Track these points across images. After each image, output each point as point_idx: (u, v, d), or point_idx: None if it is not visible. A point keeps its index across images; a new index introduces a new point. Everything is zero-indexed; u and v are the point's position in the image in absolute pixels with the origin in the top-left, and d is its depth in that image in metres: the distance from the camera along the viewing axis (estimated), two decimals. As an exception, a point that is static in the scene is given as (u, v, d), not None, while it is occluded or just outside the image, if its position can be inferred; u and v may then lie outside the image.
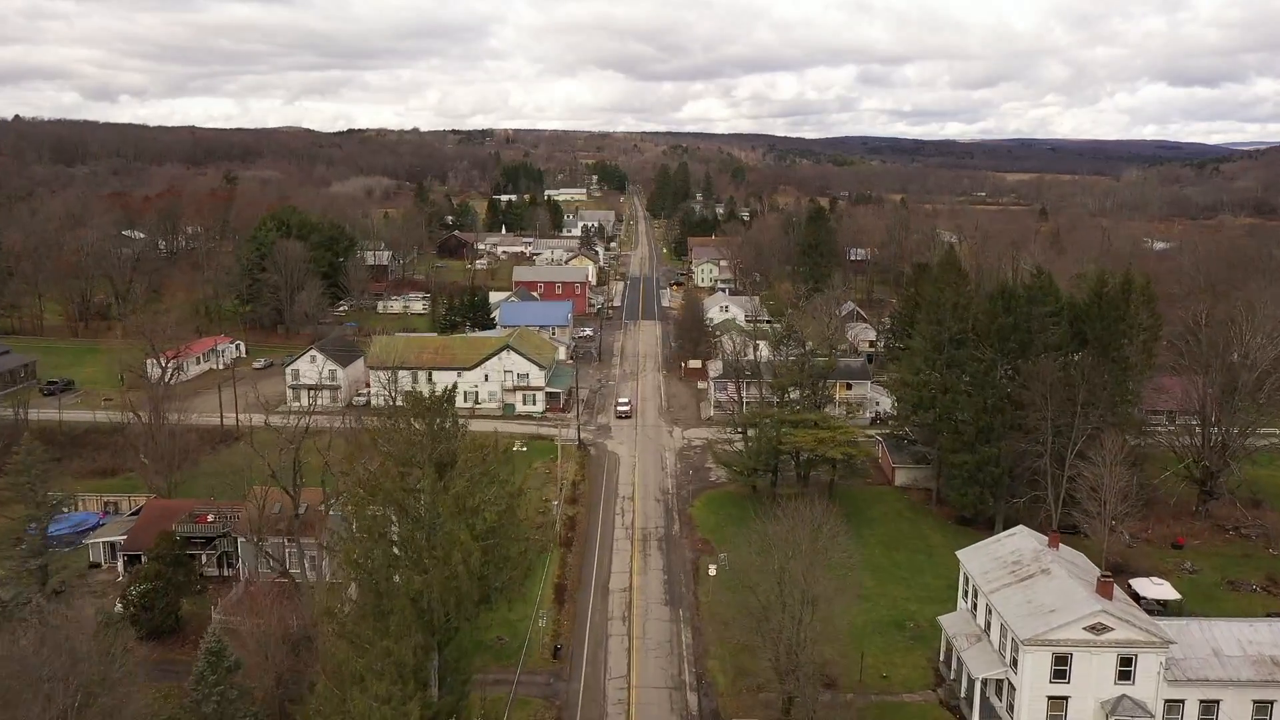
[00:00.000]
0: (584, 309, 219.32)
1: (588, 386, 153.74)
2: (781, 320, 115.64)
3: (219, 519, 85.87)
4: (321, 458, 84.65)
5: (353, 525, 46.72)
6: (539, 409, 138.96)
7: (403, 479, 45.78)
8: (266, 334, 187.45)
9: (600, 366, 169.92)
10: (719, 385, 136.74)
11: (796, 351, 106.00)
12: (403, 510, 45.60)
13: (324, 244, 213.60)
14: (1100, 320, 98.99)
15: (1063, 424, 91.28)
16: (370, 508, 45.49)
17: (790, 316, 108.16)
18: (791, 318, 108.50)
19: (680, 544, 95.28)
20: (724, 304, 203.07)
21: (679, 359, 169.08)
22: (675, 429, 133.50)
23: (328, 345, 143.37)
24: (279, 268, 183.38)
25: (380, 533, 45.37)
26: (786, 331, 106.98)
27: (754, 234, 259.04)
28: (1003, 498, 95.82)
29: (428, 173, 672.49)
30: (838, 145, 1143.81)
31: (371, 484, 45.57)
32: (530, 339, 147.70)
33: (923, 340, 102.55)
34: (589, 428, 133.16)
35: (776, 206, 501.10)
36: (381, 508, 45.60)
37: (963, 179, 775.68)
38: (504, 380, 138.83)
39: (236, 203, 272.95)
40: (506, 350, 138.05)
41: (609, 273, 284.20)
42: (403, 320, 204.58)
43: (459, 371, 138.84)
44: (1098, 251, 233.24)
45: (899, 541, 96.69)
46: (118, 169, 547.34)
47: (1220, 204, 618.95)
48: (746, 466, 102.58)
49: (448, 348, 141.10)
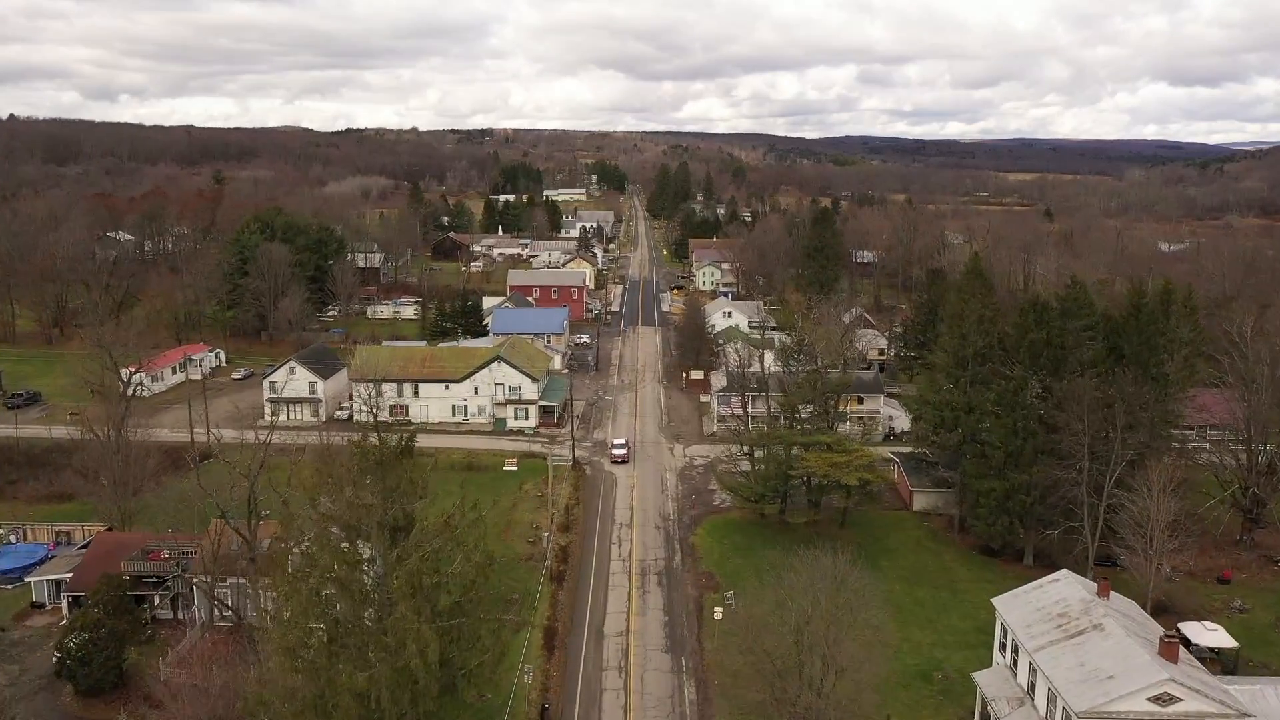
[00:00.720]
0: (581, 314, 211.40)
1: (584, 399, 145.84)
2: (791, 332, 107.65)
3: (173, 556, 77.87)
4: (293, 480, 76.74)
5: (284, 607, 38.85)
6: (531, 424, 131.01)
7: (345, 553, 37.91)
8: (250, 341, 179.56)
9: (597, 377, 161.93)
10: (722, 399, 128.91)
11: (808, 367, 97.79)
12: (345, 588, 37.78)
13: (311, 247, 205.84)
14: (1138, 334, 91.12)
15: (1101, 449, 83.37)
16: (308, 583, 37.63)
17: (801, 329, 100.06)
18: (803, 330, 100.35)
19: (682, 579, 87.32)
20: (726, 309, 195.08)
21: (680, 369, 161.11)
22: (676, 446, 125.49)
23: (308, 356, 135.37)
24: (262, 272, 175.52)
25: (320, 613, 37.56)
26: (797, 345, 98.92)
27: (757, 236, 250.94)
28: (1034, 528, 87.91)
29: (426, 173, 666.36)
30: (838, 145, 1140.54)
31: (309, 558, 37.70)
32: (523, 349, 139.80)
33: (945, 355, 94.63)
34: (584, 444, 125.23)
35: (778, 207, 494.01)
36: (319, 585, 37.75)
37: (965, 179, 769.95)
38: (494, 393, 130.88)
39: (224, 204, 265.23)
40: (497, 362, 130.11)
41: (607, 276, 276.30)
42: (392, 326, 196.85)
43: (446, 384, 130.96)
44: (1112, 255, 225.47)
45: (920, 575, 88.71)
46: (110, 169, 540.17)
47: (1227, 204, 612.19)
48: (754, 492, 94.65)
49: (435, 359, 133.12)
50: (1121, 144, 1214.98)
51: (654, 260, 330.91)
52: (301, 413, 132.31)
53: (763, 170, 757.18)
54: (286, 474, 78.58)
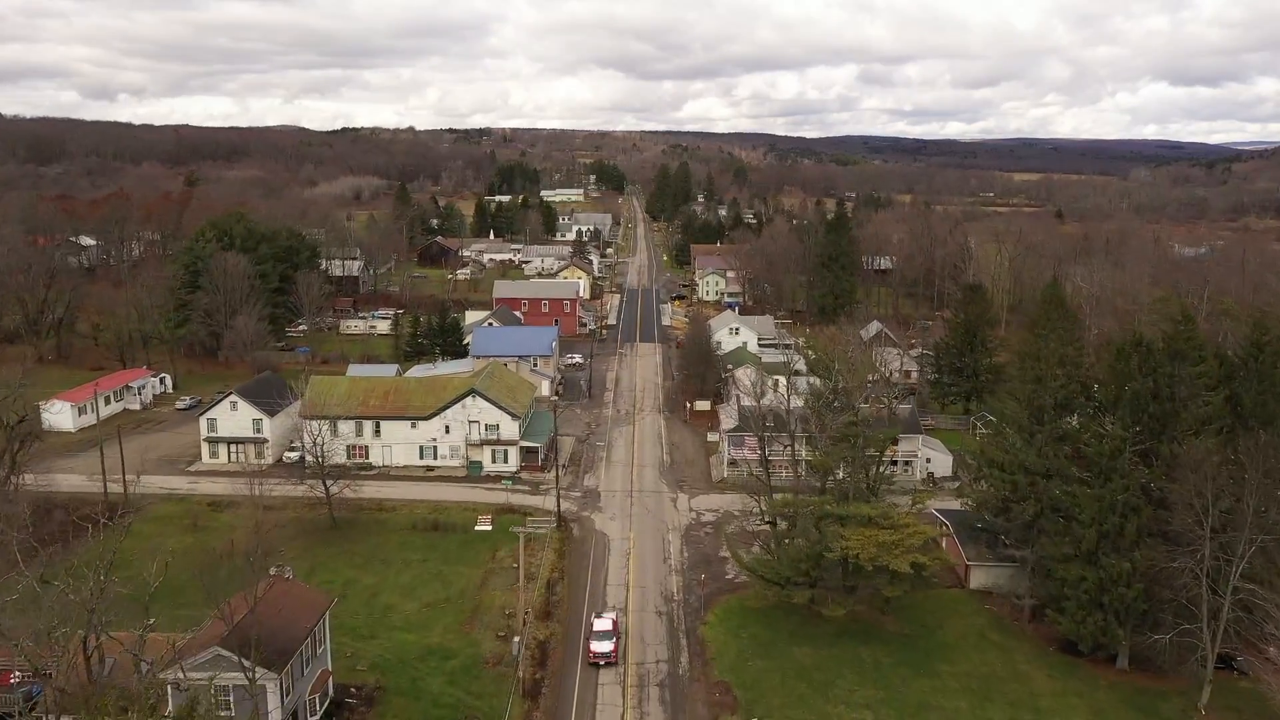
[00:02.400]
0: (574, 329, 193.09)
1: (574, 434, 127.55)
2: (821, 370, 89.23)
3: (28, 677, 59.49)
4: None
5: None
6: (512, 468, 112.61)
7: None
8: (204, 363, 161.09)
9: (590, 405, 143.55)
10: (734, 440, 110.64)
11: (846, 419, 79.18)
12: None
13: (279, 255, 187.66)
14: (1259, 381, 72.88)
15: (1226, 531, 65.21)
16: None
17: (838, 371, 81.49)
18: (838, 373, 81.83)
19: (690, 692, 68.92)
20: (733, 325, 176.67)
21: (683, 397, 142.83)
22: (680, 495, 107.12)
23: (252, 388, 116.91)
24: (216, 285, 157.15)
25: None
26: (833, 391, 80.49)
27: (764, 243, 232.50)
28: (1134, 627, 69.61)
29: (421, 173, 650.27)
30: (839, 145, 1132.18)
31: None
32: (504, 378, 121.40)
33: (1016, 404, 76.29)
34: (573, 493, 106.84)
35: (781, 208, 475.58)
36: None
37: (970, 179, 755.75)
38: (468, 433, 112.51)
39: (191, 207, 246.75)
40: (472, 396, 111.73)
41: (604, 285, 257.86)
42: (365, 344, 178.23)
43: (413, 422, 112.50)
44: (1153, 264, 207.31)
45: (990, 686, 70.24)
46: (92, 169, 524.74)
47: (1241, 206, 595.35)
48: (779, 576, 76.24)
49: (400, 392, 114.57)
50: (1122, 144, 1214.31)
51: (654, 266, 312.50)
52: (245, 454, 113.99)
53: (764, 170, 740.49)
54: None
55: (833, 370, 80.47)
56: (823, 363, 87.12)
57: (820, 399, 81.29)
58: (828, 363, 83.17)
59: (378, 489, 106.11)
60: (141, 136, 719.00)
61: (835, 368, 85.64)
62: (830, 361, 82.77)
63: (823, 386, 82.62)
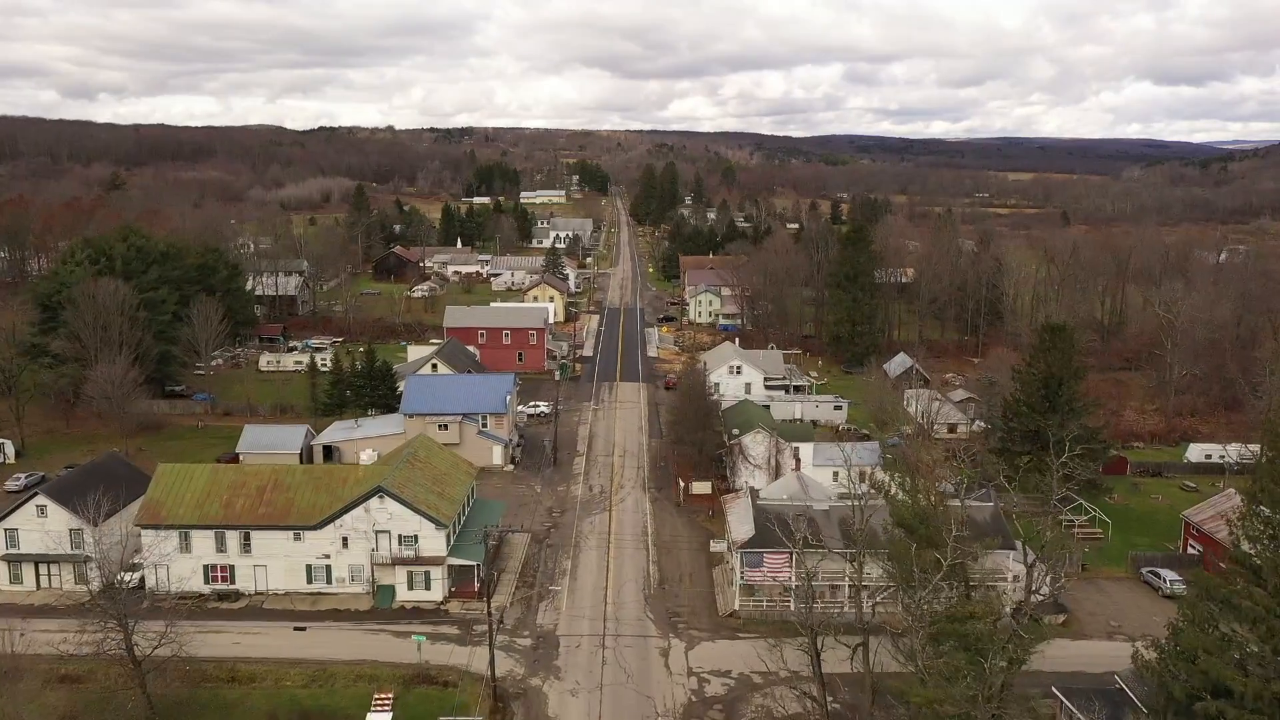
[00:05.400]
0: (540, 364, 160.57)
1: (530, 527, 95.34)
2: (890, 499, 56.97)
3: None
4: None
5: None
6: (436, 595, 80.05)
7: None
8: (72, 418, 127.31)
9: (554, 478, 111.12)
10: (750, 558, 78.44)
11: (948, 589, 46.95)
12: None
13: (189, 277, 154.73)
14: None
15: None
16: None
17: (939, 517, 49.63)
18: (927, 508, 49.79)
19: None
20: (734, 363, 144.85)
21: (675, 468, 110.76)
22: (674, 643, 74.71)
23: (75, 482, 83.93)
24: (84, 320, 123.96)
25: None
26: (930, 561, 48.22)
27: (767, 258, 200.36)
28: None
29: (396, 173, 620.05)
30: (825, 144, 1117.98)
31: None
32: (431, 461, 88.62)
33: (1254, 533, 44.29)
34: (520, 639, 74.52)
35: (775, 211, 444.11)
36: None
37: (964, 179, 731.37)
38: (375, 546, 79.89)
39: (101, 214, 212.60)
40: (380, 497, 79.06)
41: (579, 305, 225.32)
42: (288, 387, 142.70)
43: (296, 533, 79.76)
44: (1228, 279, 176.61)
45: None
46: (36, 169, 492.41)
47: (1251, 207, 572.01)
48: None
49: (280, 487, 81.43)
50: (1108, 142, 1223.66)
51: (638, 278, 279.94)
52: (60, 578, 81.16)
53: (753, 170, 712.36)
54: None
55: (928, 523, 48.05)
56: (923, 512, 54.20)
57: (908, 565, 48.79)
58: (928, 509, 50.68)
59: (236, 638, 73.47)
60: (98, 136, 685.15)
61: (909, 484, 53.58)
62: (933, 505, 50.35)
63: (910, 549, 50.03)
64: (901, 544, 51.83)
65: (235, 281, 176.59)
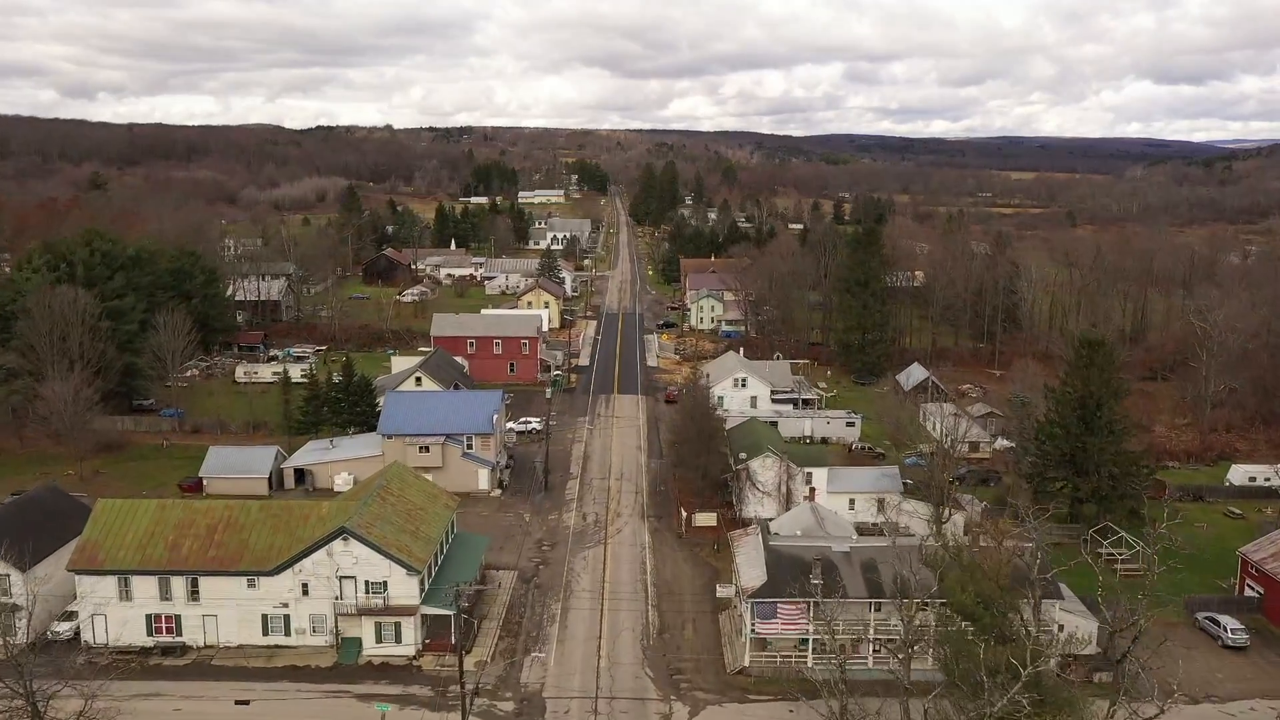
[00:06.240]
0: (533, 375, 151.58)
1: (517, 564, 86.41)
2: (975, 608, 47.80)
3: None
4: None
5: None
6: (408, 650, 71.03)
7: None
8: (27, 438, 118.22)
9: (545, 504, 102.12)
10: (763, 609, 69.42)
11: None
12: None
13: (161, 283, 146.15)
14: None
15: None
16: None
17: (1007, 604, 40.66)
18: (984, 578, 40.87)
19: None
20: (739, 375, 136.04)
21: (676, 494, 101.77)
22: (677, 709, 65.67)
23: (13, 514, 74.87)
24: (38, 331, 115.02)
25: None
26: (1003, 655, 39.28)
27: (771, 262, 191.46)
28: None
29: (393, 173, 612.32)
30: (825, 143, 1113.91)
31: None
32: (405, 494, 79.54)
33: None
34: (502, 702, 65.52)
35: (777, 211, 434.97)
36: None
37: (966, 178, 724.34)
38: (338, 594, 70.88)
39: (72, 218, 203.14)
40: (344, 539, 70.06)
41: (576, 310, 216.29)
42: (263, 402, 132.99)
43: (250, 578, 70.75)
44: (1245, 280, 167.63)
45: None
46: (26, 168, 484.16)
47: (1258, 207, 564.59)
48: None
49: (232, 527, 72.33)
50: (1109, 142, 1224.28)
51: (637, 281, 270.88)
52: (-14, 629, 72.07)
53: (754, 170, 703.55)
54: None
55: (993, 607, 39.05)
56: (995, 592, 45.03)
57: (970, 665, 39.76)
58: (996, 596, 41.60)
59: (178, 704, 64.47)
60: (91, 135, 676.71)
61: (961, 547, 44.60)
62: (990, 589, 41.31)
63: (976, 648, 40.97)
64: (964, 640, 42.82)
65: (213, 287, 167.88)
